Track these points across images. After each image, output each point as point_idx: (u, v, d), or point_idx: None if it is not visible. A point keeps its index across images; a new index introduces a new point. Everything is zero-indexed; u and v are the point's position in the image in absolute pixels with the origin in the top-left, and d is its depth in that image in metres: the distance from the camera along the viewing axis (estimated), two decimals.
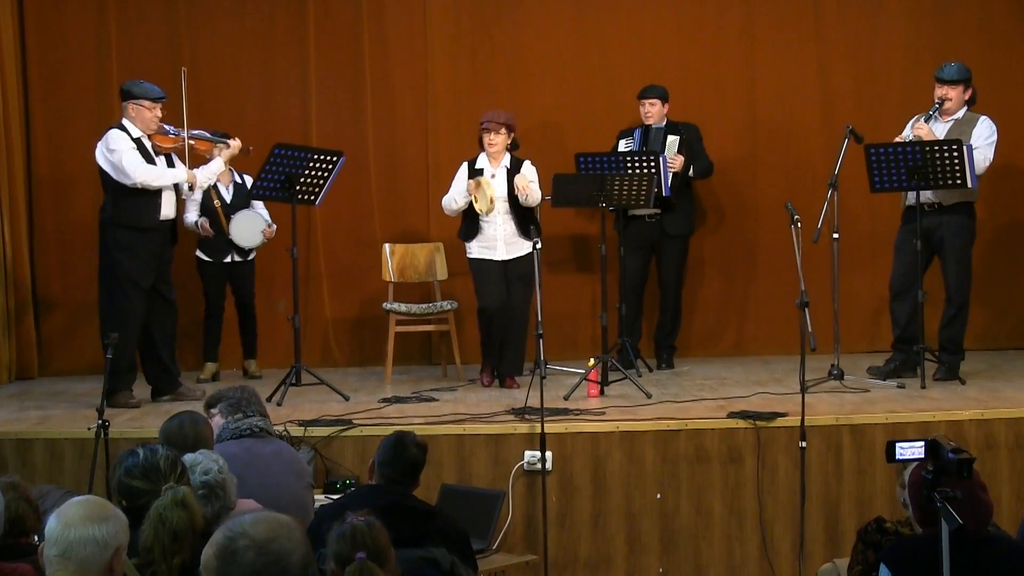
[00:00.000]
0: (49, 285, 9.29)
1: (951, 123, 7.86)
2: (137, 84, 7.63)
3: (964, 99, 7.87)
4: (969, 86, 7.87)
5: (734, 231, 9.58)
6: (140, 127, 7.53)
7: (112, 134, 7.50)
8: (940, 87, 7.83)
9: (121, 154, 7.41)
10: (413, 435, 4.80)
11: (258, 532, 2.67)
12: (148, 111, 7.52)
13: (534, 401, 6.67)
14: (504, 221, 8.04)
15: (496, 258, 8.05)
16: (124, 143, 7.45)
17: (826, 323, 8.15)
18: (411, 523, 4.41)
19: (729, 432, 6.70)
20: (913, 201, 7.72)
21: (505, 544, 6.51)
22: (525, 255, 7.95)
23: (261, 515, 2.76)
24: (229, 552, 2.64)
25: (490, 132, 7.99)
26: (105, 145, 7.49)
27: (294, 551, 2.68)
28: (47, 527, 3.23)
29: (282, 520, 2.75)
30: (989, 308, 9.51)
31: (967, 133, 7.76)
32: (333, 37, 9.46)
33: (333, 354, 9.41)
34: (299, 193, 7.68)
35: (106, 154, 7.47)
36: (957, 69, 7.84)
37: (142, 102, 7.51)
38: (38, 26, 9.25)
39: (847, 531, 6.51)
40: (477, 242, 8.08)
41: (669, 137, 8.68)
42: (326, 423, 6.78)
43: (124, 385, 7.51)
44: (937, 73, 7.88)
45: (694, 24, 9.60)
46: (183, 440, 4.66)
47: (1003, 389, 7.60)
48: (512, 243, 8.05)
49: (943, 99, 7.80)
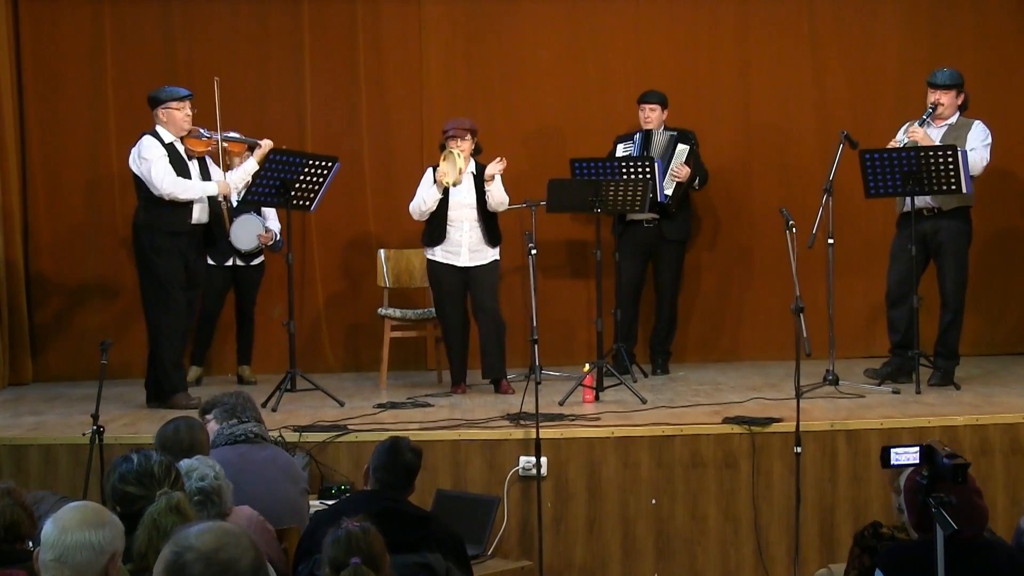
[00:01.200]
0: (44, 290, 9.28)
1: (945, 128, 7.87)
2: (161, 89, 7.70)
3: (957, 104, 7.88)
4: (962, 91, 7.88)
5: (729, 236, 9.58)
6: (172, 131, 7.58)
7: (145, 141, 7.53)
8: (933, 92, 7.84)
9: (151, 164, 7.45)
10: (407, 440, 4.79)
11: (204, 543, 2.68)
12: (178, 111, 7.58)
13: (529, 406, 6.67)
14: (471, 228, 8.01)
15: (458, 264, 8.03)
16: (156, 151, 7.48)
17: (821, 328, 8.15)
18: (406, 529, 4.41)
19: (724, 437, 6.69)
20: (907, 207, 7.74)
21: (500, 550, 6.51)
22: (488, 263, 7.98)
23: (206, 526, 2.77)
24: (177, 567, 2.66)
25: (456, 138, 7.98)
26: (138, 152, 7.52)
27: (242, 557, 2.69)
28: (43, 532, 3.22)
29: (227, 528, 2.76)
30: (984, 313, 9.51)
31: (962, 137, 7.77)
32: (328, 43, 9.46)
33: (328, 359, 9.40)
34: (294, 199, 7.68)
35: (138, 162, 7.51)
36: (950, 74, 7.85)
37: (170, 104, 7.57)
38: (33, 30, 9.25)
39: (842, 536, 6.50)
40: (442, 247, 8.04)
41: (679, 145, 8.66)
42: (321, 429, 6.78)
43: (181, 386, 7.62)
44: (930, 79, 7.90)
45: (689, 30, 9.61)
46: (179, 445, 4.66)
47: (998, 394, 7.60)
48: (476, 251, 8.02)
49: (936, 104, 7.81)
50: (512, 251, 8.61)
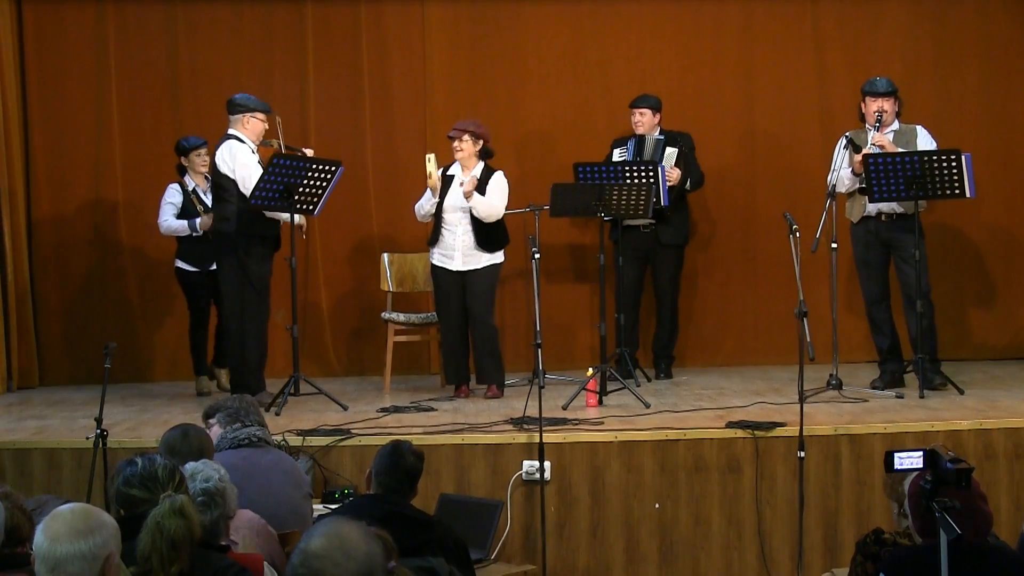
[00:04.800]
0: (48, 294, 9.30)
1: (890, 134, 7.89)
2: (249, 97, 7.84)
3: (895, 110, 7.92)
4: (898, 98, 7.93)
5: (733, 241, 9.58)
6: (251, 137, 7.74)
7: (237, 147, 7.68)
8: (875, 100, 7.85)
9: (248, 168, 7.61)
10: (409, 444, 4.79)
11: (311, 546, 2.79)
12: (261, 122, 7.76)
13: (533, 411, 6.67)
14: (464, 232, 7.98)
15: (452, 267, 8.03)
16: (250, 157, 7.66)
17: (825, 333, 8.15)
18: (409, 533, 4.41)
19: (728, 442, 6.69)
20: (871, 212, 7.80)
21: (503, 554, 6.50)
22: (483, 268, 7.97)
23: (331, 527, 2.86)
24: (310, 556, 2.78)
25: (454, 140, 8.00)
26: (233, 159, 7.64)
27: None
28: (35, 542, 3.19)
29: (344, 538, 2.84)
30: (987, 318, 9.52)
31: (912, 142, 7.82)
32: (332, 47, 9.48)
33: (331, 364, 9.41)
34: (298, 203, 7.69)
35: (232, 165, 7.64)
36: (887, 82, 7.90)
37: (257, 114, 7.74)
38: (37, 34, 9.28)
39: (846, 541, 6.50)
40: (438, 249, 8.06)
41: (668, 149, 8.67)
42: (325, 433, 6.77)
43: (262, 386, 7.74)
44: (868, 88, 7.90)
45: (692, 33, 9.62)
46: (187, 449, 4.65)
47: (1001, 399, 7.60)
48: (469, 255, 8.00)
49: (880, 112, 7.81)
50: (515, 255, 8.60)
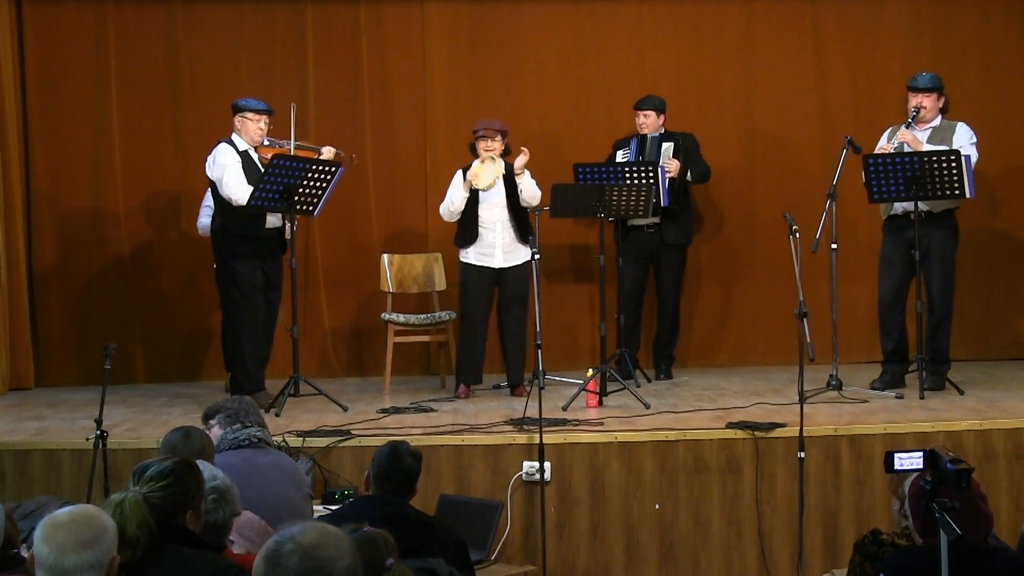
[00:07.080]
0: (47, 295, 9.29)
1: (929, 131, 7.89)
2: (244, 99, 7.95)
3: (939, 107, 7.90)
4: (942, 94, 7.92)
5: (733, 241, 9.58)
6: (247, 139, 7.82)
7: (220, 148, 7.78)
8: (915, 96, 7.87)
9: (225, 169, 7.69)
10: (407, 445, 4.79)
11: (306, 538, 2.75)
12: (252, 122, 7.83)
13: (533, 411, 6.66)
14: (504, 228, 8.04)
15: (493, 265, 8.05)
16: (229, 157, 7.73)
17: (825, 333, 8.15)
18: (409, 534, 4.40)
19: (728, 442, 6.69)
20: (898, 211, 7.76)
21: (504, 554, 6.50)
22: (522, 263, 7.97)
23: (311, 523, 2.84)
24: (275, 556, 2.73)
25: (486, 139, 8.00)
26: (213, 158, 7.77)
27: (339, 559, 2.74)
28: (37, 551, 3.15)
29: (332, 530, 2.81)
30: (987, 318, 9.52)
31: (947, 139, 7.81)
32: (332, 47, 9.47)
33: (331, 364, 9.41)
34: (298, 203, 7.69)
35: (213, 167, 7.76)
36: (931, 78, 7.90)
37: (246, 114, 7.83)
38: (37, 34, 9.27)
39: (846, 542, 6.49)
40: (475, 248, 8.07)
41: (664, 144, 8.68)
42: (325, 434, 6.77)
43: (259, 385, 7.76)
44: (911, 83, 7.92)
45: (692, 34, 9.62)
46: (189, 451, 4.64)
47: (1001, 399, 7.60)
48: (510, 251, 8.05)
49: (919, 107, 7.82)
50: None
